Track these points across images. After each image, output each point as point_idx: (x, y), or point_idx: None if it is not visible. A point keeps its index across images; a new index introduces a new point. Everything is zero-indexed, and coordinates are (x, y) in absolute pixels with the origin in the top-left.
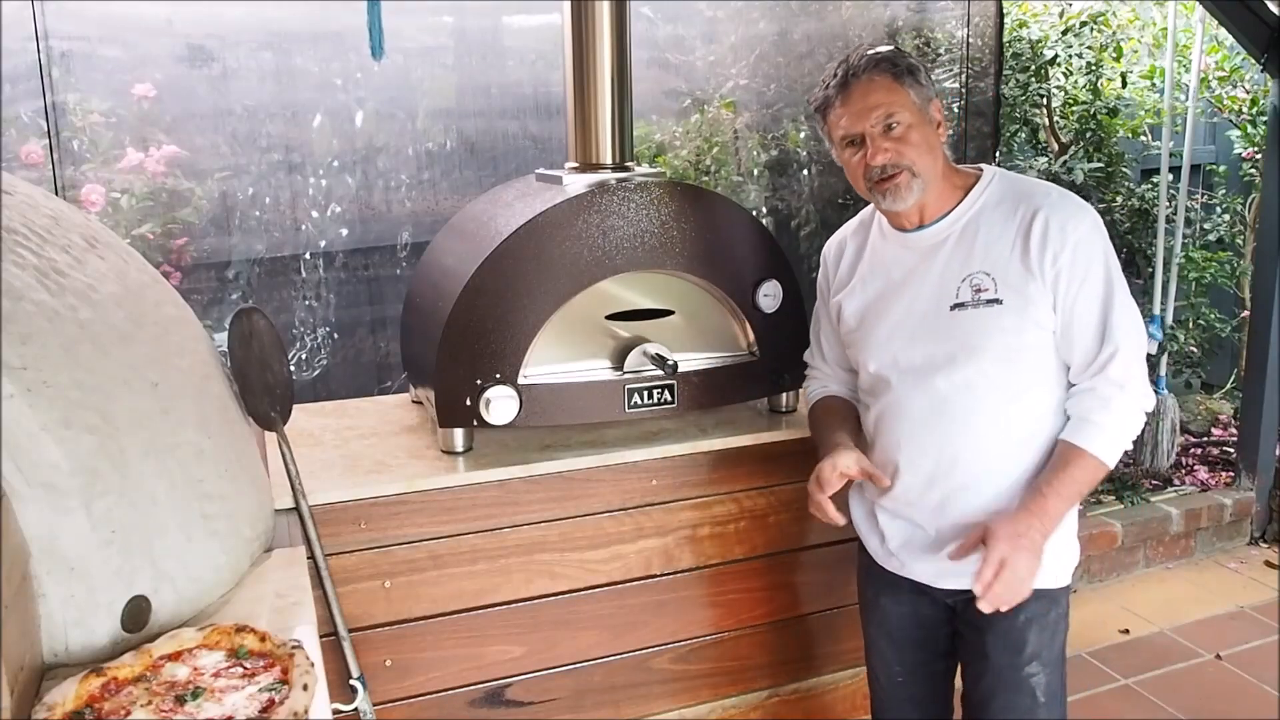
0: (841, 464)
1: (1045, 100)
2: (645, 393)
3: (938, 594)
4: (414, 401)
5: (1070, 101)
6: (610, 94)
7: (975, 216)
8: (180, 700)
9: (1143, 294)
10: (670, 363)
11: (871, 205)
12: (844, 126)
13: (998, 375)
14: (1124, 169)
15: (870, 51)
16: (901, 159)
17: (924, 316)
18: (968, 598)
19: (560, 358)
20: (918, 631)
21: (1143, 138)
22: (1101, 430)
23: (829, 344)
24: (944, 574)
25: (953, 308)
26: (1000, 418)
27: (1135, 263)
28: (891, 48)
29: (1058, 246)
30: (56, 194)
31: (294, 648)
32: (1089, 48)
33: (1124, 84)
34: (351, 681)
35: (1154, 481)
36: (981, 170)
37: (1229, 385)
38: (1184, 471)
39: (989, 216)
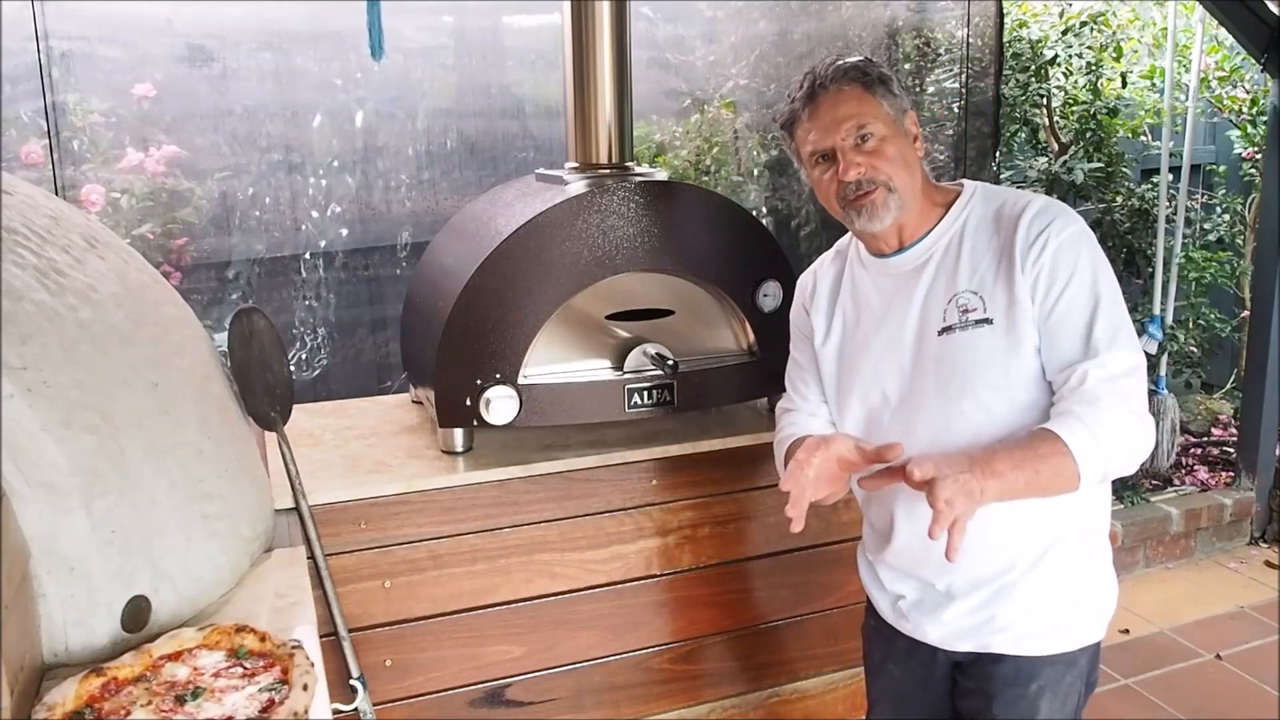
0: (837, 447)
1: (1045, 100)
2: (645, 393)
3: (946, 656)
4: (414, 401)
5: (1070, 101)
6: (610, 94)
7: (958, 233)
8: (180, 700)
9: (1143, 294)
10: (670, 363)
11: (848, 234)
12: (813, 141)
13: (995, 404)
14: (1124, 169)
15: (838, 61)
16: (877, 174)
17: (911, 346)
18: (975, 658)
19: (560, 358)
20: (924, 700)
21: (1143, 138)
22: (1082, 423)
23: (811, 381)
24: (955, 636)
25: (940, 332)
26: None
27: (1135, 263)
28: (861, 57)
29: (1040, 246)
30: (56, 194)
31: (294, 648)
32: (1089, 48)
33: (1124, 84)
34: (351, 681)
35: (1154, 481)
36: (962, 185)
37: (1229, 385)
38: (1184, 471)
39: (973, 232)
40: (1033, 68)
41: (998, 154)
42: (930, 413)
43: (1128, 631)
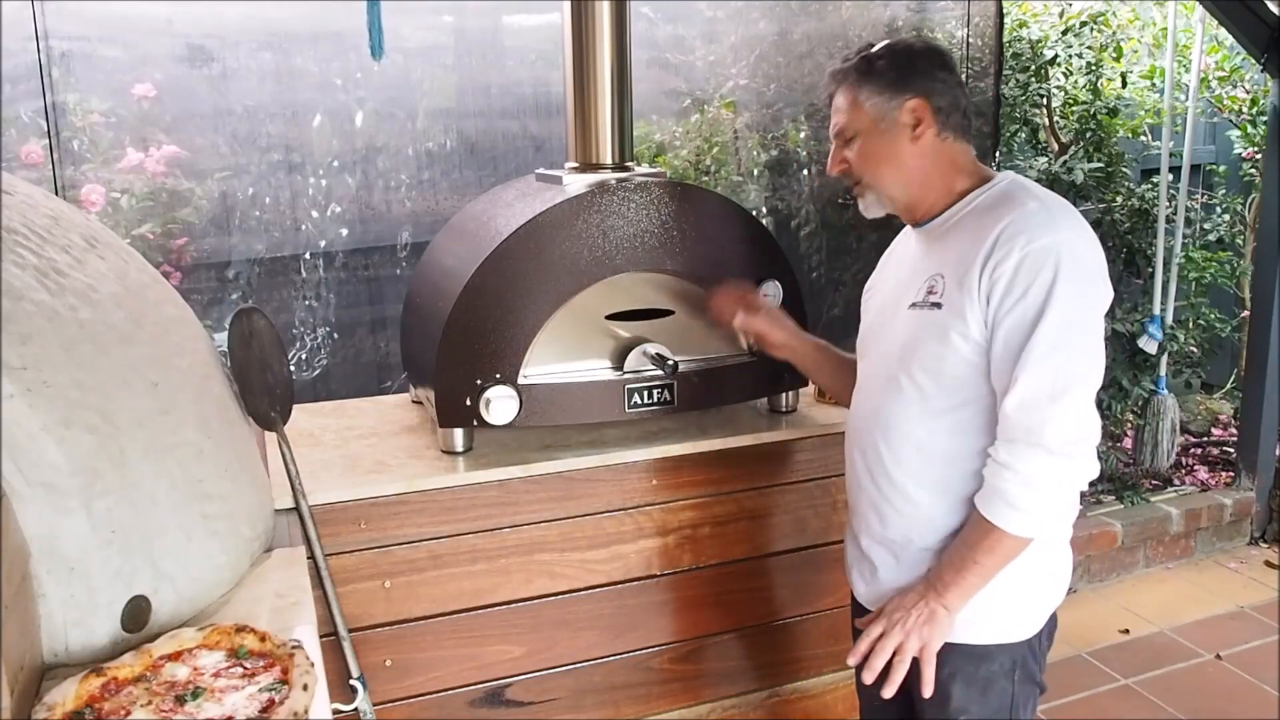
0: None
1: (1045, 100)
2: (645, 393)
3: None
4: (414, 401)
5: (1070, 101)
6: (610, 94)
7: (963, 218)
8: (180, 700)
9: (1143, 294)
10: (670, 363)
11: None
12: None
13: (925, 384)
14: (1124, 169)
15: (840, 62)
16: (853, 171)
17: (890, 312)
18: None
19: (560, 358)
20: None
21: (1143, 138)
22: (1006, 501)
23: None
24: (874, 602)
25: (910, 306)
26: (922, 431)
27: (1135, 263)
28: (865, 49)
29: (1001, 256)
30: (56, 194)
31: (294, 648)
32: (1089, 48)
33: (1124, 84)
34: (351, 681)
35: (1154, 481)
36: (996, 175)
37: (1229, 385)
38: (1184, 471)
39: (971, 219)
40: (1033, 68)
41: (998, 154)
42: (880, 374)
43: (1128, 631)
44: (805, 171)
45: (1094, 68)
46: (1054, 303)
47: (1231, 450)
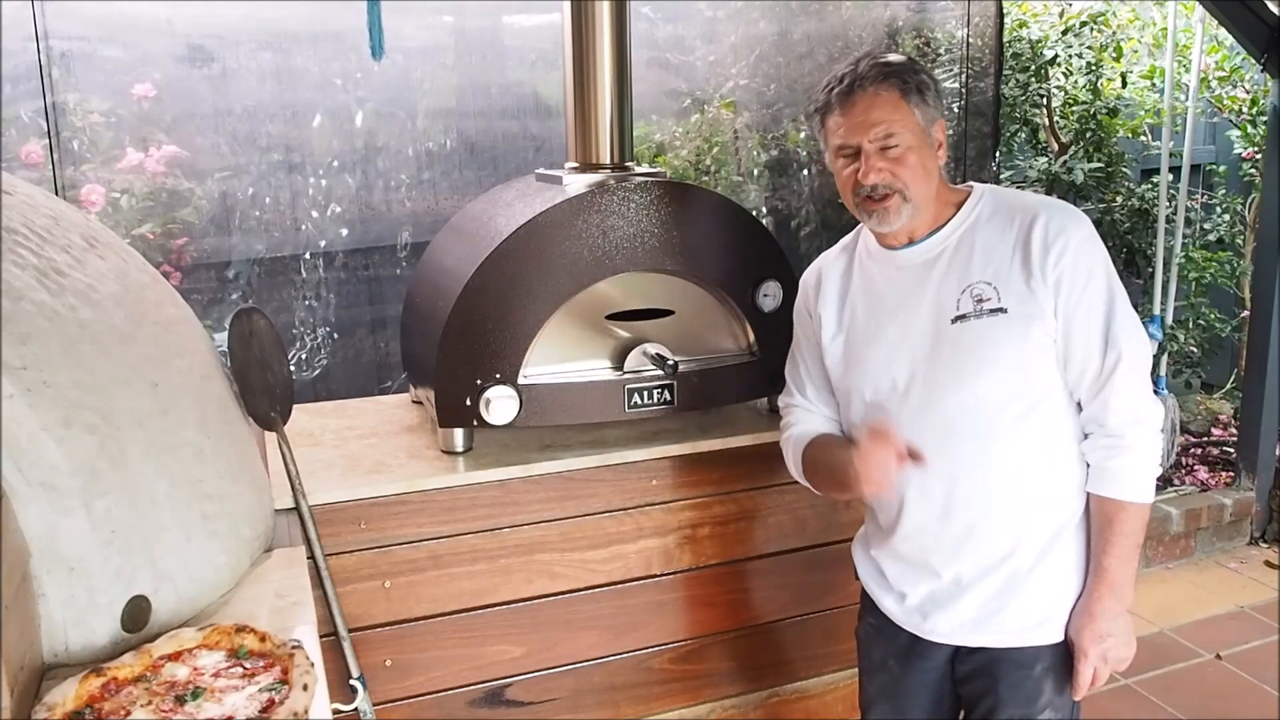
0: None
1: (1045, 100)
2: (645, 393)
3: (950, 647)
4: (414, 401)
5: (1070, 101)
6: (610, 94)
7: (970, 229)
8: (180, 700)
9: (1143, 294)
10: (670, 363)
11: (855, 230)
12: (841, 136)
13: (1010, 386)
14: (1124, 169)
15: (882, 61)
16: (895, 181)
17: (923, 334)
18: (972, 648)
19: (560, 358)
20: (923, 694)
21: (1143, 138)
22: (1124, 474)
23: (814, 378)
24: (965, 629)
25: (954, 320)
26: (1016, 432)
27: (1135, 263)
28: (905, 59)
29: (1060, 249)
30: (56, 194)
31: (294, 648)
32: (1089, 48)
33: (1124, 84)
34: (351, 681)
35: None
36: (973, 187)
37: (1229, 385)
38: (1184, 471)
39: (985, 228)
40: (1033, 68)
41: (998, 154)
42: (943, 396)
43: None
44: (805, 171)
45: (1094, 68)
46: (1115, 285)
47: (1231, 450)
